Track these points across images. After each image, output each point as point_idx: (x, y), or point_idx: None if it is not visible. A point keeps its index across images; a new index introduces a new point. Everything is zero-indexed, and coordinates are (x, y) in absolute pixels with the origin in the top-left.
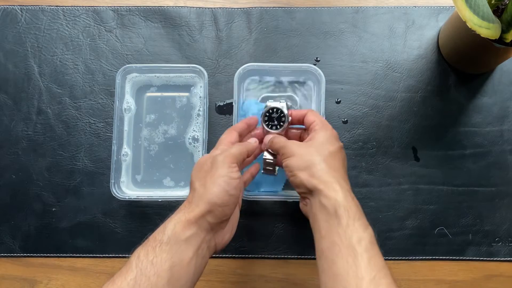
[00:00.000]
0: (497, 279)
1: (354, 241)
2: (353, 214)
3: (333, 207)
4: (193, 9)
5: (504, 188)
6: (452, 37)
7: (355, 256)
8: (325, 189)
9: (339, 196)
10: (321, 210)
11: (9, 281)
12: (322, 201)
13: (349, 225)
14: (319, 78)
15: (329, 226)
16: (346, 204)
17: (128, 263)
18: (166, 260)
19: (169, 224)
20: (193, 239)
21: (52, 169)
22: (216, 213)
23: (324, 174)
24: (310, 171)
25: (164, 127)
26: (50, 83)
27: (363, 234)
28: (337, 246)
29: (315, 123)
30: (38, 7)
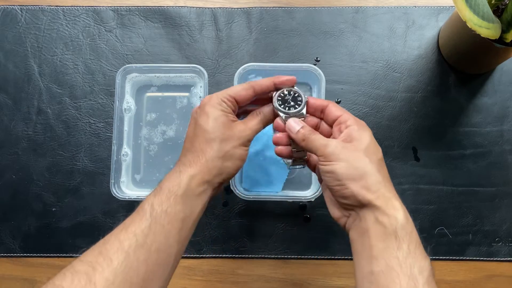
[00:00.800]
0: (497, 279)
1: (416, 271)
2: (415, 240)
3: (393, 227)
4: (193, 9)
5: (504, 188)
6: (452, 37)
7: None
8: (384, 206)
9: (400, 215)
10: (376, 227)
11: (9, 281)
12: (379, 218)
13: (411, 252)
14: (319, 78)
15: (385, 247)
16: (408, 227)
17: (141, 209)
18: (180, 211)
19: (184, 177)
20: (204, 195)
21: (52, 169)
22: (229, 176)
23: (382, 187)
24: (364, 182)
25: (164, 127)
26: (50, 83)
27: (424, 264)
28: (395, 272)
29: (346, 118)
30: (38, 7)
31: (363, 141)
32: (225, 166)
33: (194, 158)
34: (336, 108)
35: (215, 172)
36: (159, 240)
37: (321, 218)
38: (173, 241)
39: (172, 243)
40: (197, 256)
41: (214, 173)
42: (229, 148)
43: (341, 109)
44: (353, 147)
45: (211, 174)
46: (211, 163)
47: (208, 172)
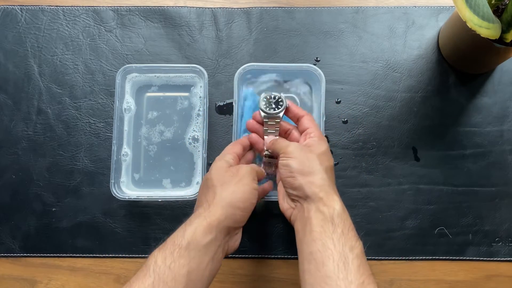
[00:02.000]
0: (497, 279)
1: (347, 249)
2: (348, 225)
3: (331, 215)
4: (193, 9)
5: (504, 188)
6: (452, 37)
7: (346, 261)
8: (325, 198)
9: (337, 206)
10: (317, 215)
11: (9, 281)
12: (320, 208)
13: (344, 234)
14: (319, 78)
15: (323, 231)
16: (343, 215)
17: (145, 267)
18: (184, 266)
19: (189, 228)
20: (211, 244)
21: (52, 169)
22: (237, 217)
23: (325, 184)
24: (311, 178)
25: (164, 127)
26: (50, 83)
27: (355, 244)
28: (329, 250)
29: (312, 130)
30: (38, 7)
31: (319, 148)
32: (230, 206)
33: (200, 208)
34: (308, 121)
35: (220, 214)
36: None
37: None
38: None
39: None
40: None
41: (219, 215)
42: (231, 186)
43: (313, 122)
44: (309, 150)
45: (216, 217)
46: (214, 207)
47: (212, 216)
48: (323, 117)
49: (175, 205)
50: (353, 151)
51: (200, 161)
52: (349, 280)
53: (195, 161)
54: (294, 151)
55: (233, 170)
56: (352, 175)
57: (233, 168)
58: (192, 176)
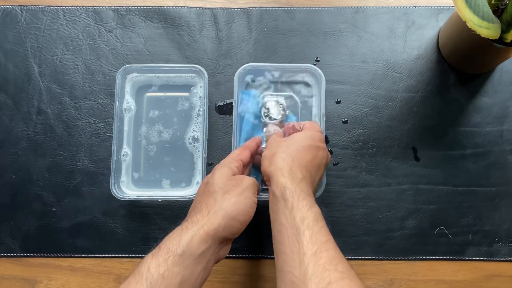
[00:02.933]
0: (497, 279)
1: (298, 220)
2: (298, 196)
3: (280, 191)
4: (193, 9)
5: (504, 188)
6: (452, 37)
7: (298, 234)
8: (276, 175)
9: (287, 181)
10: (273, 196)
11: (9, 281)
12: (272, 187)
13: (294, 206)
14: (319, 78)
15: (277, 209)
16: (293, 187)
17: (138, 273)
18: (177, 274)
19: (185, 235)
20: (206, 253)
21: (52, 169)
22: (235, 229)
23: (282, 162)
24: (271, 159)
25: (164, 127)
26: (50, 83)
27: (306, 213)
28: (284, 227)
29: (306, 125)
30: (38, 7)
31: (294, 136)
32: (229, 217)
33: (198, 214)
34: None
35: (218, 224)
36: None
37: None
38: None
39: None
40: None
41: (217, 225)
42: (232, 196)
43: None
44: (281, 139)
45: (214, 226)
46: (213, 215)
47: (211, 225)
48: (323, 117)
49: (175, 205)
50: (353, 151)
51: (200, 161)
52: (302, 252)
53: (195, 161)
54: (268, 142)
55: (236, 179)
56: (352, 175)
57: (237, 178)
58: (192, 176)
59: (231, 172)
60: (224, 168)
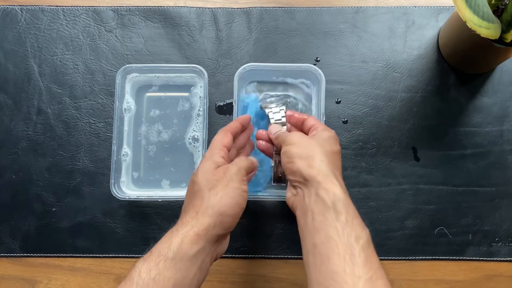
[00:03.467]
0: (497, 279)
1: (352, 239)
2: (352, 212)
3: (332, 201)
4: (193, 9)
5: (504, 188)
6: (452, 37)
7: (352, 254)
8: (324, 181)
9: (338, 190)
10: (317, 202)
11: (9, 281)
12: (319, 193)
13: (348, 222)
14: (319, 78)
15: (325, 219)
16: (346, 201)
17: (129, 279)
18: (169, 278)
19: (175, 238)
20: (199, 254)
21: (52, 169)
22: (226, 225)
23: (324, 166)
24: (309, 161)
25: (164, 127)
26: (50, 83)
27: (361, 233)
28: (334, 241)
29: (317, 125)
30: (38, 7)
31: (321, 136)
32: (218, 214)
33: (187, 216)
34: (312, 120)
35: (208, 223)
36: None
37: None
38: None
39: None
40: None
41: (207, 224)
42: (218, 191)
43: (316, 120)
44: (309, 137)
45: (204, 226)
46: (202, 215)
47: (201, 225)
48: (323, 117)
49: (175, 205)
50: (353, 151)
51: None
52: (356, 275)
53: (195, 161)
54: (293, 138)
55: (220, 172)
56: (352, 175)
57: (220, 170)
58: None
59: (215, 165)
60: (206, 163)
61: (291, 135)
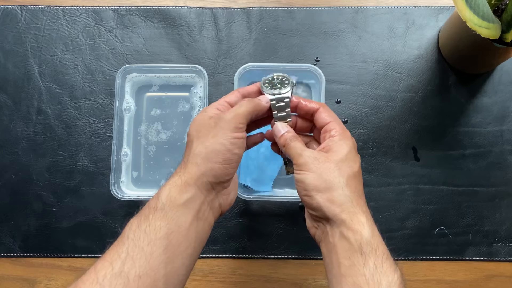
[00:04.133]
0: (497, 279)
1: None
2: (381, 254)
3: (358, 243)
4: (193, 9)
5: (504, 188)
6: (452, 37)
7: None
8: (349, 220)
9: (365, 230)
10: (342, 243)
11: (9, 281)
12: (344, 233)
13: (377, 268)
14: (319, 78)
15: (352, 264)
16: (373, 242)
17: (121, 235)
18: (161, 228)
19: (163, 189)
20: (192, 202)
21: (52, 169)
22: (218, 171)
23: (348, 201)
24: (330, 195)
25: (164, 127)
26: (50, 83)
27: (393, 279)
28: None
29: (332, 126)
30: (38, 7)
31: (339, 152)
32: (205, 161)
33: (177, 168)
34: (326, 114)
35: (195, 171)
36: (140, 264)
37: None
38: (158, 263)
39: (157, 265)
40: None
41: (194, 172)
42: (207, 140)
43: (330, 115)
44: (325, 158)
45: (191, 174)
46: (190, 164)
47: (188, 174)
48: None
49: None
50: None
51: None
52: None
53: None
54: (307, 163)
55: (211, 121)
56: None
57: (212, 120)
58: None
59: (207, 117)
60: (201, 115)
61: (304, 157)
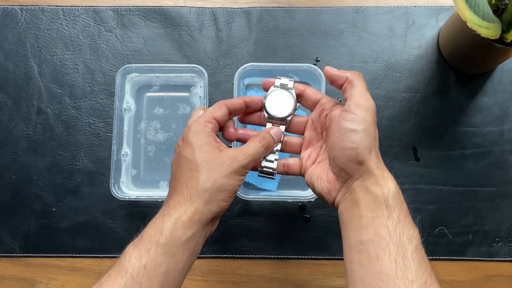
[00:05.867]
0: (497, 279)
1: (405, 239)
2: (405, 210)
3: (385, 196)
4: (193, 9)
5: (504, 188)
6: (452, 37)
7: (405, 255)
8: (379, 175)
9: (392, 185)
10: (367, 196)
11: (9, 281)
12: (371, 188)
13: (400, 221)
14: (319, 78)
15: (375, 216)
16: (398, 196)
17: (118, 264)
18: (161, 264)
19: (167, 222)
20: (193, 238)
21: (52, 169)
22: (223, 207)
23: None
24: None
25: (164, 127)
26: (50, 83)
27: (413, 233)
28: (384, 241)
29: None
30: (38, 7)
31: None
32: (214, 199)
33: (179, 196)
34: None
35: (203, 208)
36: None
37: (321, 218)
38: None
39: None
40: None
41: (201, 209)
42: (218, 178)
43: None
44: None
45: (199, 211)
46: (197, 199)
47: (195, 210)
48: None
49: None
50: None
51: None
52: (409, 280)
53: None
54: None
55: (222, 157)
56: None
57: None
58: None
59: (213, 146)
60: (202, 139)
61: (354, 92)
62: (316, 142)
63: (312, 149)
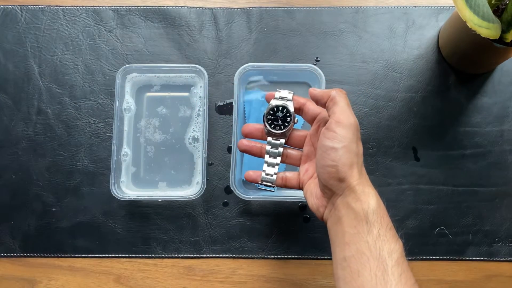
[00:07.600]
0: (497, 279)
1: (385, 253)
2: (386, 224)
3: (365, 212)
4: (193, 9)
5: (504, 188)
6: (452, 37)
7: (384, 269)
8: (360, 190)
9: (372, 200)
10: (349, 214)
11: (9, 281)
12: (352, 204)
13: (381, 235)
14: (319, 78)
15: (356, 232)
16: (379, 211)
17: None
18: None
19: None
20: None
21: (52, 169)
22: None
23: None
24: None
25: (164, 127)
26: (50, 83)
27: (394, 246)
28: (365, 256)
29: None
30: (38, 7)
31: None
32: None
33: None
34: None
35: None
36: None
37: None
38: None
39: None
40: (197, 256)
41: None
42: None
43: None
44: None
45: None
46: None
47: None
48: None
49: (175, 205)
50: None
51: (200, 161)
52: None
53: (195, 161)
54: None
55: None
56: None
57: None
58: (192, 176)
59: None
60: None
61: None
62: (314, 157)
63: (309, 164)
